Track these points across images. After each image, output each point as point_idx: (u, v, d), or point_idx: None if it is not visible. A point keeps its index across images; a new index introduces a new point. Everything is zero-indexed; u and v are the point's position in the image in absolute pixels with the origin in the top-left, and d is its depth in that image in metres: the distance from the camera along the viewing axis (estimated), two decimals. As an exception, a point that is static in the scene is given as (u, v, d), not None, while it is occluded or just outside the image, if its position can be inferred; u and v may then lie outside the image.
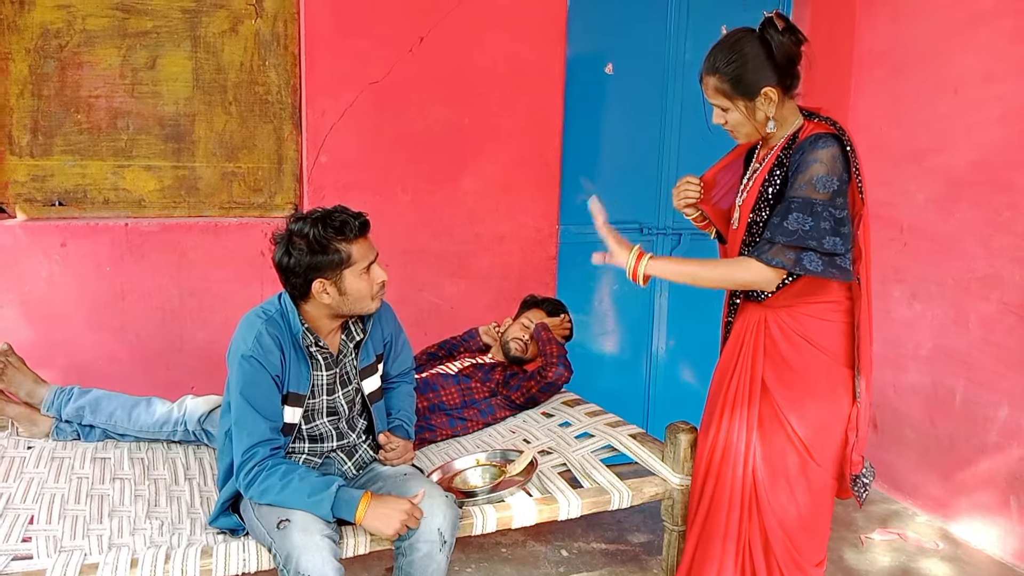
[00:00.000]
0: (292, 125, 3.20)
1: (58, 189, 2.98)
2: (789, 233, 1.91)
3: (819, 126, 2.01)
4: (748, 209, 2.10)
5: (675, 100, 3.80)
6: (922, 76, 3.52)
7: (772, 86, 2.00)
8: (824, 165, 1.92)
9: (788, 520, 2.11)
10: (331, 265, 2.06)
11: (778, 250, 1.93)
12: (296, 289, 2.12)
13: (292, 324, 2.12)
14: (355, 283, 2.10)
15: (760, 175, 2.09)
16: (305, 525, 1.92)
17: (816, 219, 1.90)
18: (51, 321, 2.93)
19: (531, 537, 3.23)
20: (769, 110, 2.03)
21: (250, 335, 2.06)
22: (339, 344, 2.24)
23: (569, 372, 2.95)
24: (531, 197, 3.48)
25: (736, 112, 2.05)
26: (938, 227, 3.47)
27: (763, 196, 2.06)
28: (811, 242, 1.90)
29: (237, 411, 2.05)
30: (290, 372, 2.10)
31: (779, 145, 2.08)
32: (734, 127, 2.09)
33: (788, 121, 2.08)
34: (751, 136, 2.10)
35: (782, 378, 2.09)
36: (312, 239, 2.04)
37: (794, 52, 1.99)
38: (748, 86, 2.00)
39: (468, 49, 3.29)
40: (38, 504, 2.21)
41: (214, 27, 3.06)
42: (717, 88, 2.04)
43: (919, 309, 3.57)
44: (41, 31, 2.88)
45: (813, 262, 1.92)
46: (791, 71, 2.02)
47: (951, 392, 3.42)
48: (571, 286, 3.72)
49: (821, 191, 1.91)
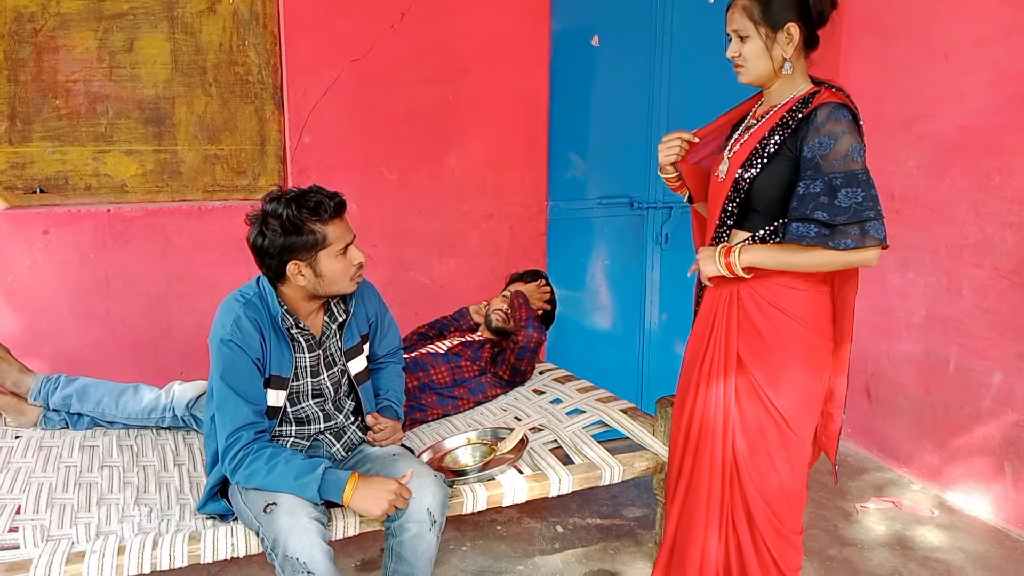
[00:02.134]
0: (274, 105, 3.16)
1: (38, 176, 2.95)
2: (844, 211, 1.87)
3: (835, 95, 1.97)
4: (738, 163, 2.05)
5: (663, 71, 3.76)
6: (913, 41, 3.48)
7: (798, 26, 1.97)
8: (852, 135, 1.90)
9: (769, 491, 2.10)
10: (306, 246, 2.04)
11: (841, 232, 1.88)
12: (271, 271, 2.09)
13: (271, 307, 2.10)
14: (331, 265, 2.07)
15: (759, 131, 2.04)
16: (292, 508, 1.91)
17: (865, 188, 1.88)
18: (36, 310, 2.90)
19: (526, 514, 3.23)
20: (788, 50, 1.99)
21: (228, 319, 2.04)
22: (322, 326, 2.22)
23: (539, 333, 2.93)
24: (519, 173, 3.45)
25: (756, 41, 2.00)
26: (929, 194, 3.44)
27: (757, 152, 2.01)
28: (869, 212, 1.88)
29: (219, 396, 2.04)
30: (271, 355, 2.08)
31: (784, 104, 2.03)
32: (748, 59, 2.02)
33: (796, 82, 2.04)
34: (759, 76, 2.04)
35: (756, 350, 2.07)
36: (286, 219, 2.01)
37: (825, 10, 1.98)
38: (775, 15, 1.97)
39: (451, 24, 3.24)
40: (25, 494, 2.20)
41: (191, 7, 3.01)
42: (745, 9, 1.99)
43: (911, 277, 3.55)
44: (15, 15, 2.83)
45: (878, 230, 1.90)
46: (817, 27, 2.00)
47: (944, 360, 3.41)
48: (562, 262, 3.70)
49: (859, 160, 1.90)
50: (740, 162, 2.04)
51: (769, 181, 2.00)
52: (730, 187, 2.06)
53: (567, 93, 3.60)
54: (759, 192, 2.02)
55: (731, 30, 2.04)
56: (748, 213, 2.07)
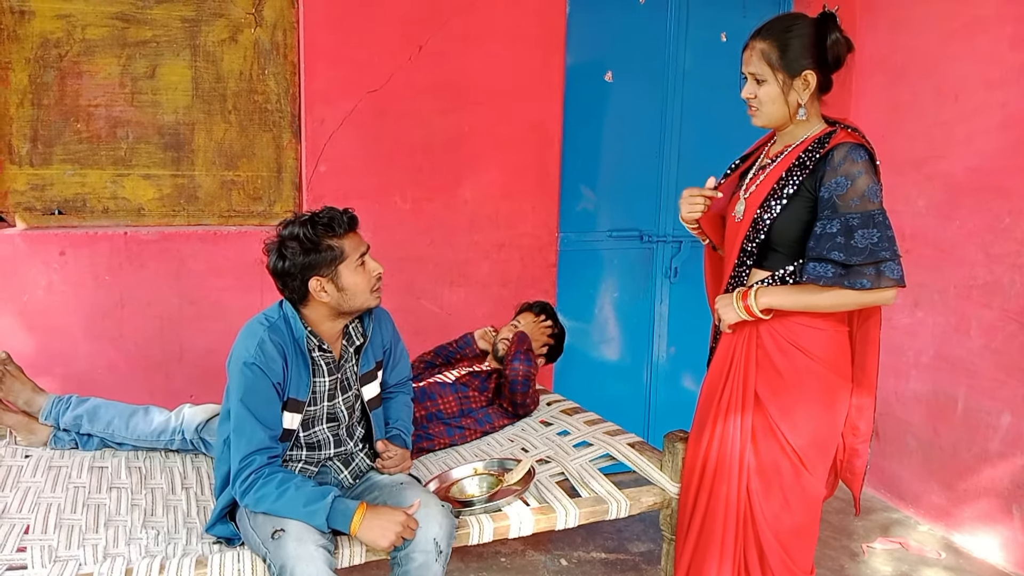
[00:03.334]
0: (291, 133, 3.20)
1: (57, 198, 2.99)
2: (860, 251, 1.89)
3: (851, 135, 1.99)
4: (756, 203, 2.06)
5: (675, 108, 3.80)
6: (922, 82, 3.52)
7: (815, 73, 1.99)
8: (869, 176, 1.92)
9: (782, 530, 2.09)
10: (325, 262, 2.08)
11: (857, 272, 1.90)
12: (295, 292, 2.12)
13: (295, 329, 2.12)
14: (351, 277, 2.11)
15: (775, 171, 2.06)
16: (300, 535, 1.91)
17: (881, 228, 1.90)
18: (50, 330, 2.93)
19: (530, 546, 3.22)
20: (803, 96, 2.01)
21: (252, 342, 2.06)
22: (340, 349, 2.25)
23: (525, 367, 2.93)
24: (531, 205, 3.48)
25: (772, 86, 2.02)
26: (939, 234, 3.45)
27: (775, 193, 2.03)
28: (885, 253, 1.89)
29: (237, 418, 2.05)
30: (291, 379, 2.10)
31: (799, 145, 2.05)
32: (763, 103, 2.04)
33: (811, 123, 2.07)
34: (773, 119, 2.06)
35: (774, 388, 2.08)
36: (303, 238, 2.06)
37: (842, 54, 2.00)
38: (792, 62, 1.99)
39: (467, 57, 3.29)
40: (34, 513, 2.20)
41: (213, 36, 3.07)
42: (763, 53, 2.01)
43: (920, 316, 3.56)
44: (41, 41, 2.89)
45: (894, 270, 1.90)
46: (832, 71, 2.03)
47: (953, 400, 3.40)
48: (571, 293, 3.72)
49: (875, 201, 1.92)
50: (758, 202, 2.06)
51: (789, 221, 2.02)
52: (749, 227, 2.08)
53: (579, 127, 3.64)
54: (779, 232, 2.03)
55: (748, 72, 2.06)
56: (768, 252, 2.09)
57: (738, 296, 2.07)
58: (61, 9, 2.89)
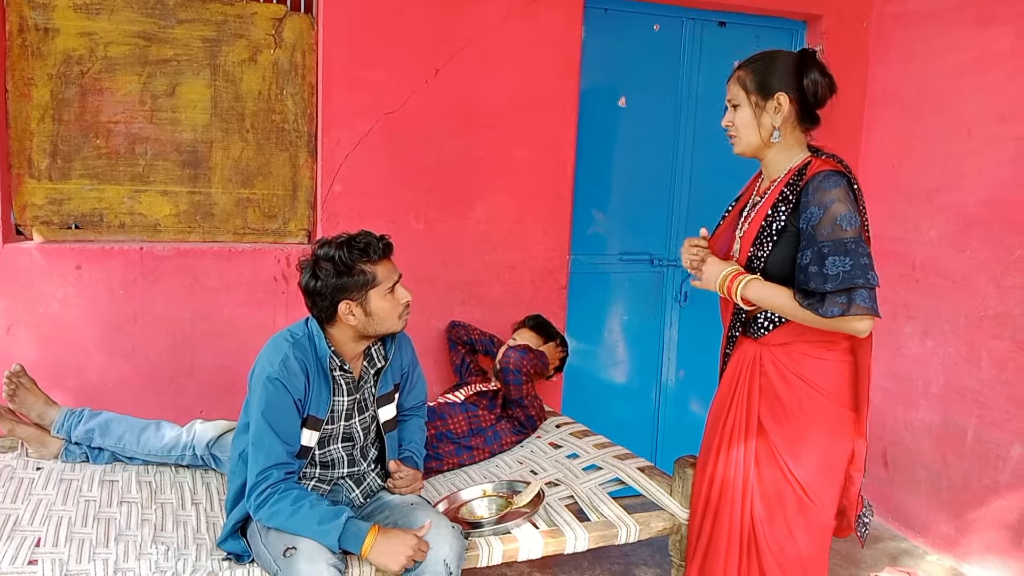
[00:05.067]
0: (308, 153, 3.23)
1: (75, 212, 3.02)
2: (832, 278, 1.88)
3: (826, 163, 2.01)
4: (749, 242, 2.08)
5: (687, 134, 3.83)
6: (935, 115, 3.54)
7: (788, 97, 2.02)
8: (843, 203, 1.92)
9: (787, 560, 2.08)
10: (357, 286, 2.10)
11: (830, 301, 1.89)
12: (323, 312, 2.14)
13: (319, 348, 2.14)
14: (380, 304, 2.13)
15: (763, 208, 2.08)
16: (311, 554, 1.92)
17: (853, 256, 1.89)
18: (64, 343, 2.95)
19: (537, 568, 3.21)
20: (776, 119, 2.04)
21: (276, 357, 2.08)
22: (360, 370, 2.26)
23: (516, 355, 2.97)
24: (542, 227, 3.50)
25: (745, 110, 2.07)
26: (950, 264, 3.46)
27: (765, 230, 2.05)
28: (858, 280, 1.88)
29: (256, 432, 2.06)
30: (312, 396, 2.12)
31: (782, 179, 2.07)
32: (739, 129, 2.09)
33: (792, 153, 2.08)
34: (750, 144, 2.09)
35: (777, 418, 2.08)
36: (338, 261, 2.08)
37: (821, 93, 2.03)
38: (764, 84, 2.04)
39: (483, 81, 3.32)
40: (45, 526, 2.21)
41: (233, 56, 3.11)
42: (739, 79, 2.08)
43: (930, 346, 3.56)
44: (64, 57, 2.93)
45: (865, 299, 1.88)
46: (814, 107, 2.05)
47: (962, 430, 3.40)
48: (581, 316, 3.73)
49: (848, 228, 1.91)
50: (751, 241, 2.08)
51: (781, 257, 2.03)
52: (745, 266, 2.09)
53: (592, 150, 3.67)
54: (773, 269, 2.04)
55: (727, 100, 2.12)
56: None
57: (727, 276, 2.05)
58: (85, 27, 2.93)
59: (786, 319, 2.06)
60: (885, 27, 3.81)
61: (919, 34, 3.63)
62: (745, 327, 2.16)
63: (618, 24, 3.65)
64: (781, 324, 2.07)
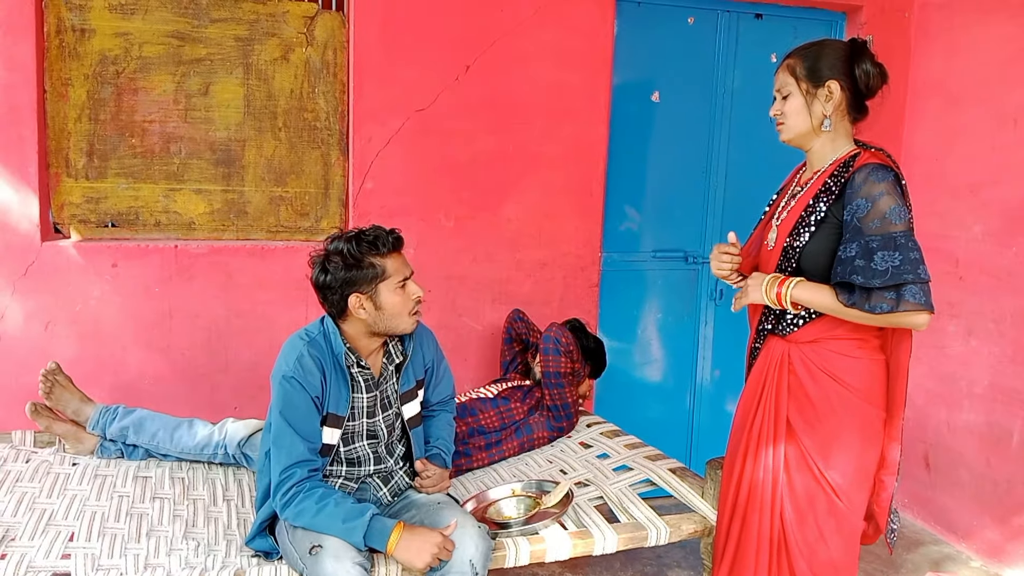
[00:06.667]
0: (339, 151, 3.24)
1: (111, 211, 3.06)
2: (880, 274, 1.83)
3: (875, 156, 1.96)
4: (786, 231, 2.04)
5: (723, 129, 3.77)
6: (979, 107, 3.43)
7: (839, 84, 1.98)
8: (891, 196, 1.87)
9: (817, 562, 2.03)
10: (366, 279, 2.11)
11: (877, 296, 1.85)
12: (334, 306, 2.15)
13: (334, 345, 2.15)
14: (391, 298, 2.14)
15: (804, 197, 2.04)
16: (337, 552, 1.92)
17: (903, 251, 1.84)
18: (100, 340, 2.99)
19: (568, 569, 3.18)
20: (827, 107, 2.00)
21: (292, 356, 2.10)
22: (380, 367, 2.26)
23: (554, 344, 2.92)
24: (574, 224, 3.47)
25: (796, 98, 2.03)
26: (995, 261, 3.36)
27: (804, 221, 2.00)
28: (908, 276, 1.83)
29: (276, 431, 2.08)
30: (330, 393, 2.13)
31: (827, 170, 2.02)
32: (788, 115, 2.05)
33: (839, 144, 2.04)
34: (798, 132, 2.05)
35: (807, 419, 2.02)
36: (347, 254, 2.10)
37: (873, 84, 1.99)
38: (816, 72, 2.00)
39: (514, 77, 3.30)
40: (79, 521, 2.25)
41: (266, 55, 3.12)
42: (789, 67, 2.04)
43: (975, 345, 3.45)
44: (100, 58, 2.97)
45: (916, 294, 1.83)
46: (865, 97, 2.01)
47: (1008, 432, 3.29)
48: (614, 314, 3.69)
49: (897, 223, 1.86)
50: (788, 230, 2.03)
51: (818, 248, 1.98)
52: (780, 256, 2.05)
53: (625, 146, 3.62)
54: (809, 260, 2.00)
55: (775, 90, 2.08)
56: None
57: (773, 281, 2.01)
58: (120, 27, 2.97)
59: (816, 315, 2.01)
60: (927, 17, 3.71)
61: (961, 24, 3.52)
62: (776, 322, 2.11)
63: (651, 17, 3.59)
64: (811, 320, 2.02)
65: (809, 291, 1.97)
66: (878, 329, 2.01)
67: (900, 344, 2.03)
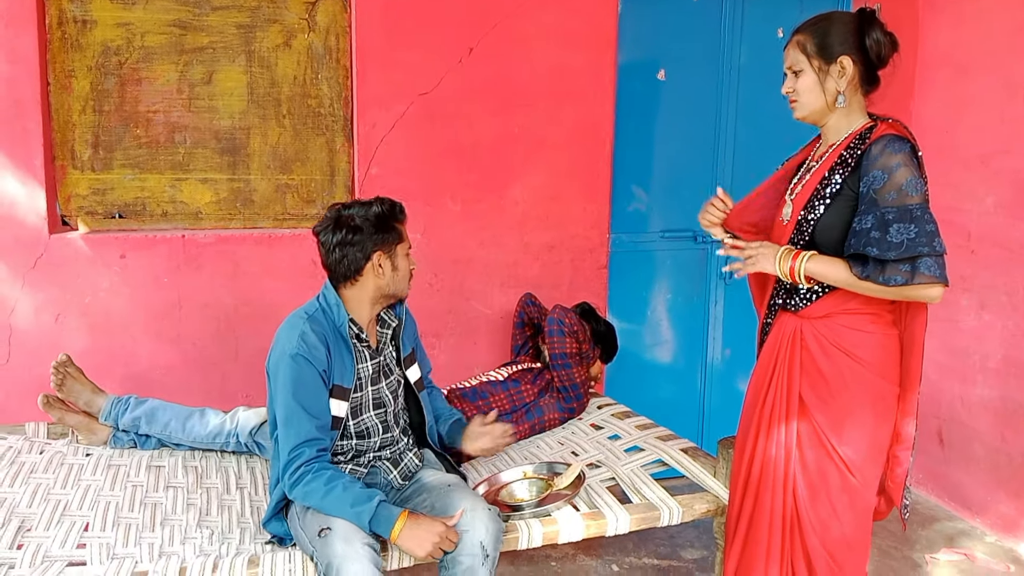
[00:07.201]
0: (344, 137, 3.23)
1: (118, 202, 3.07)
2: (896, 246, 1.82)
3: (892, 127, 1.95)
4: (801, 204, 2.02)
5: (730, 106, 3.73)
6: (989, 77, 3.39)
7: (851, 59, 1.96)
8: (908, 168, 1.85)
9: (830, 539, 2.03)
10: (391, 240, 2.21)
11: (891, 268, 1.83)
12: (352, 264, 2.17)
13: (336, 316, 2.19)
14: (403, 262, 2.26)
15: (819, 171, 2.02)
16: (346, 534, 1.93)
17: (919, 223, 1.82)
18: (110, 331, 3.00)
19: (581, 551, 3.19)
20: (841, 83, 1.98)
21: (294, 334, 2.12)
22: (376, 336, 2.31)
23: (557, 325, 2.93)
24: (581, 206, 3.45)
25: (809, 75, 2.00)
26: (1007, 233, 3.32)
27: (819, 194, 1.98)
28: (923, 248, 1.81)
29: (286, 410, 2.10)
30: (334, 366, 2.15)
31: (842, 143, 2.00)
32: (801, 93, 2.02)
33: (854, 118, 2.02)
34: (813, 110, 2.02)
35: (820, 394, 2.01)
36: (382, 213, 2.20)
37: (884, 53, 1.98)
38: (827, 48, 1.98)
39: (517, 59, 3.28)
40: (93, 511, 2.26)
41: (268, 42, 3.11)
42: (799, 43, 2.01)
43: (988, 319, 3.43)
44: (102, 48, 2.96)
45: (931, 267, 1.82)
46: (877, 67, 1.99)
47: (1022, 406, 3.27)
48: (623, 295, 3.68)
49: (914, 194, 1.84)
50: (803, 204, 2.02)
51: (832, 221, 1.96)
52: (794, 229, 2.03)
53: (631, 126, 3.60)
54: (823, 233, 1.98)
55: (786, 67, 2.05)
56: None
57: (786, 254, 1.99)
58: (121, 18, 2.96)
59: (828, 289, 1.99)
60: (936, -12, 3.66)
61: (972, -6, 3.47)
62: (788, 296, 2.10)
63: (655, -5, 3.56)
64: (824, 294, 2.01)
65: (823, 264, 1.95)
66: (891, 303, 1.99)
67: (915, 318, 2.01)
